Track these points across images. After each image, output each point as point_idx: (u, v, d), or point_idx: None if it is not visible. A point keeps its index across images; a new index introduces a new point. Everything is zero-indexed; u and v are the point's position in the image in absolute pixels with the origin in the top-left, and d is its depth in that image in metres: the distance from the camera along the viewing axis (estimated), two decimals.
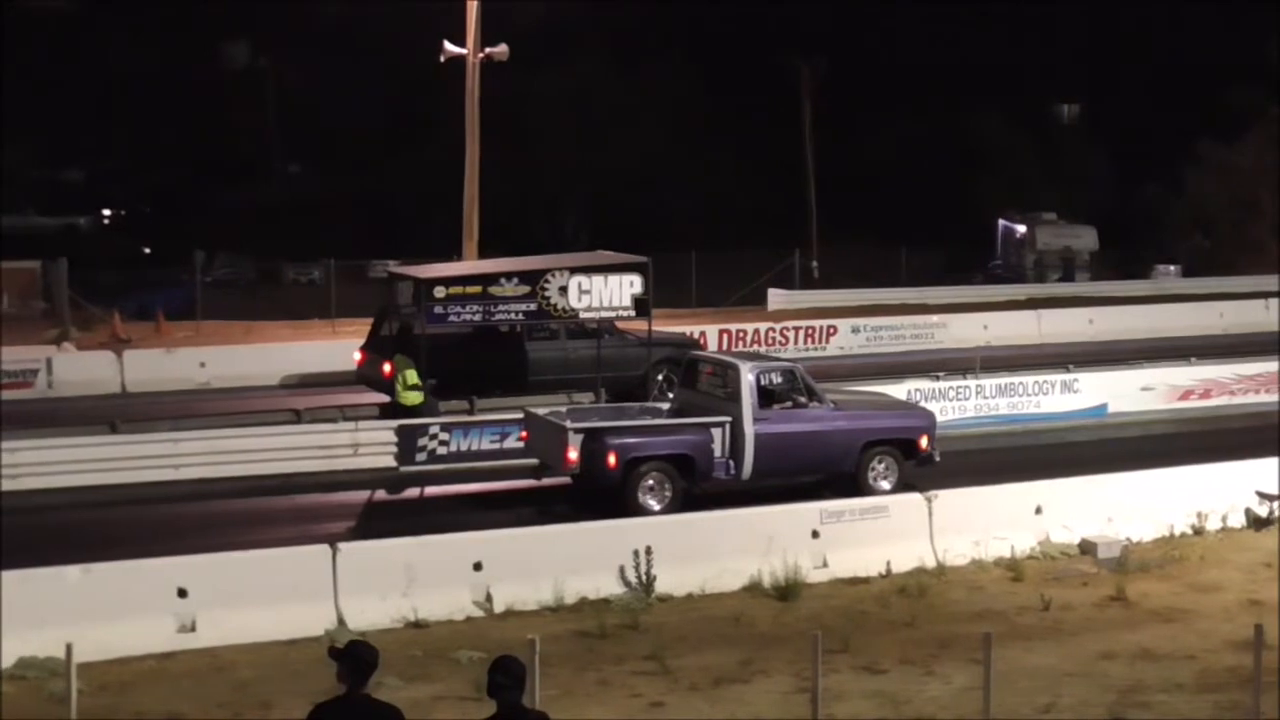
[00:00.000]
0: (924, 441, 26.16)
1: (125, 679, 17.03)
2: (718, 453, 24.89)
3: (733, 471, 24.98)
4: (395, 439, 27.64)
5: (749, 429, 24.86)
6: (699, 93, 75.93)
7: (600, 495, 24.33)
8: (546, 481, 25.96)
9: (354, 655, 9.80)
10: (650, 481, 24.39)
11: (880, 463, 25.79)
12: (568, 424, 24.81)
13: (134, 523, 23.84)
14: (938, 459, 26.16)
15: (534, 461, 26.32)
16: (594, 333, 32.23)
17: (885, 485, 25.47)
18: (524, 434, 26.47)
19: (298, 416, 30.28)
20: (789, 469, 25.46)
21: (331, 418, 29.70)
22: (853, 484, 25.24)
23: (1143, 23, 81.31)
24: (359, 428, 28.31)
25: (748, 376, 25.08)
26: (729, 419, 24.93)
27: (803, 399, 25.47)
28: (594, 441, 24.40)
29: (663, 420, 25.98)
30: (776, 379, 25.58)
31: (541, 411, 26.48)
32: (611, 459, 24.18)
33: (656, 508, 24.15)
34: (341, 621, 18.66)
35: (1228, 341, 44.02)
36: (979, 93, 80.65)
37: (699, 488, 24.76)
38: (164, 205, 78.91)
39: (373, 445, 27.79)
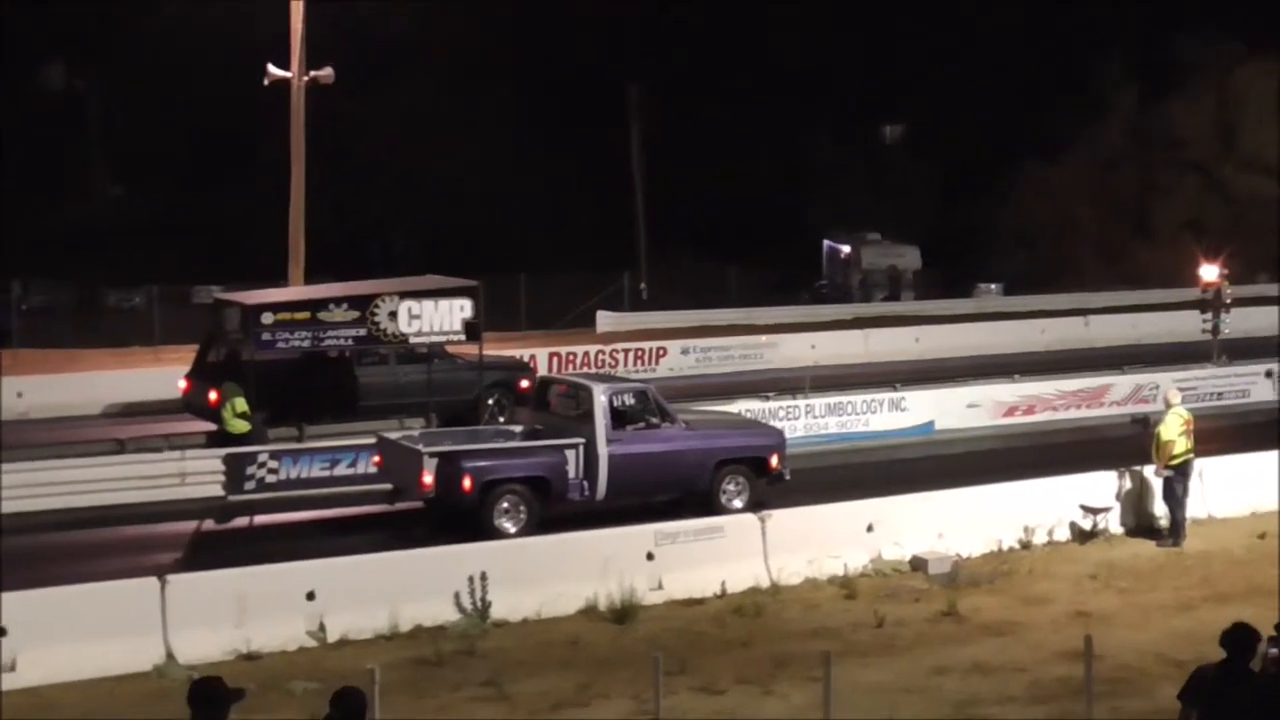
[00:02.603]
0: (774, 460, 26.40)
1: None
2: (572, 474, 24.95)
3: (587, 492, 25.04)
4: (223, 467, 27.19)
5: (603, 450, 24.96)
6: (527, 113, 75.80)
7: (456, 518, 24.19)
8: (393, 507, 25.83)
9: (207, 693, 9.50)
10: (506, 504, 24.34)
11: (732, 482, 25.94)
12: (422, 448, 24.72)
13: None
14: (788, 477, 26.42)
15: (363, 488, 26.23)
16: (425, 357, 32.00)
17: (738, 504, 25.64)
18: (377, 459, 26.25)
19: (121, 446, 29.62)
20: (643, 489, 25.57)
21: (157, 447, 29.09)
22: (706, 503, 25.34)
23: (963, 42, 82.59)
24: (185, 456, 27.82)
25: (600, 398, 25.15)
26: (583, 440, 24.98)
27: (655, 419, 25.62)
28: (449, 465, 24.32)
29: (517, 443, 25.93)
30: (629, 400, 25.71)
31: (394, 436, 26.35)
32: (467, 482, 24.13)
33: (513, 530, 24.16)
34: (171, 655, 18.29)
35: (1050, 358, 44.87)
36: (804, 113, 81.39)
37: (554, 509, 24.68)
38: None
39: (200, 474, 27.32)
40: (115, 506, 26.42)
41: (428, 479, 24.27)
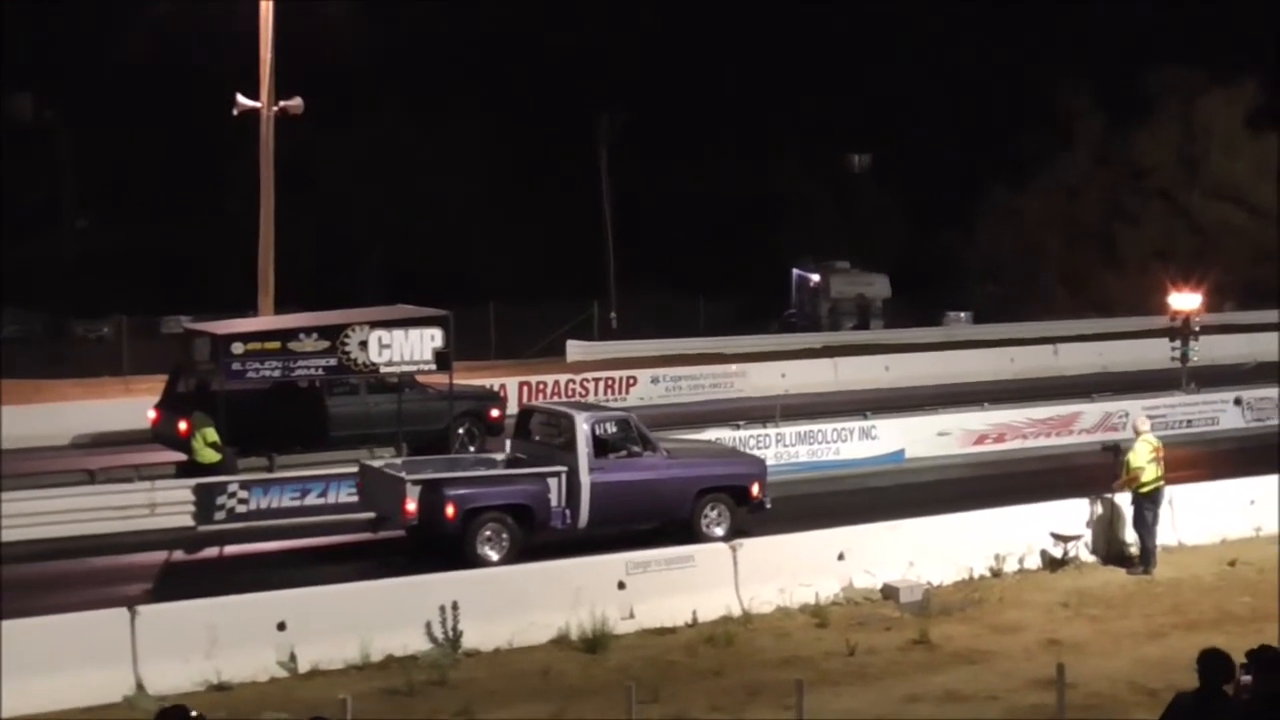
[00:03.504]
0: (755, 488, 26.45)
1: None
2: (555, 502, 24.92)
3: (569, 521, 25.01)
4: (193, 498, 27.10)
5: (585, 478, 24.96)
6: (496, 143, 75.91)
7: (437, 546, 24.14)
8: (373, 535, 25.75)
9: None
10: (488, 532, 24.29)
11: (713, 510, 25.99)
12: (405, 475, 24.71)
13: None
14: (769, 505, 26.45)
15: (333, 518, 26.14)
16: (395, 387, 31.94)
17: (719, 532, 25.63)
18: (359, 486, 26.19)
19: (91, 477, 29.44)
20: (625, 518, 25.55)
21: (127, 477, 28.92)
22: (687, 531, 25.36)
23: (930, 72, 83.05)
24: (155, 487, 27.68)
25: (583, 426, 25.16)
26: (565, 469, 24.99)
27: (637, 448, 25.64)
28: (432, 493, 24.28)
29: (499, 471, 25.94)
30: (611, 428, 25.71)
31: (376, 464, 26.33)
32: (450, 510, 24.09)
33: (495, 558, 24.11)
34: (141, 687, 18.19)
35: (1019, 386, 44.97)
36: (772, 142, 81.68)
37: (536, 537, 24.66)
38: None
39: (170, 505, 27.17)
40: (85, 537, 26.25)
41: (410, 507, 24.22)
